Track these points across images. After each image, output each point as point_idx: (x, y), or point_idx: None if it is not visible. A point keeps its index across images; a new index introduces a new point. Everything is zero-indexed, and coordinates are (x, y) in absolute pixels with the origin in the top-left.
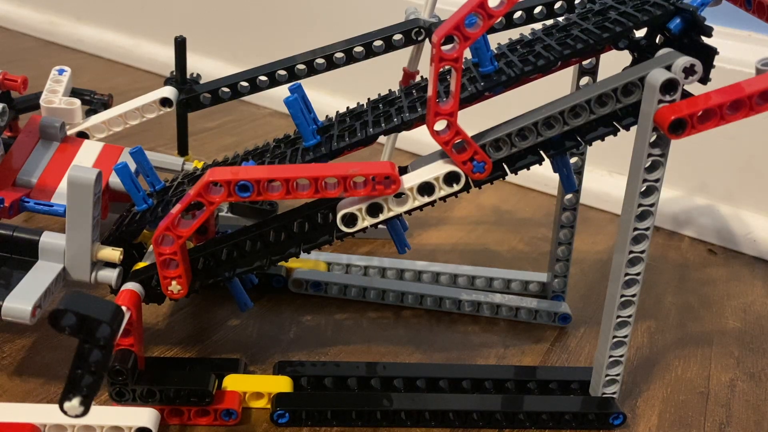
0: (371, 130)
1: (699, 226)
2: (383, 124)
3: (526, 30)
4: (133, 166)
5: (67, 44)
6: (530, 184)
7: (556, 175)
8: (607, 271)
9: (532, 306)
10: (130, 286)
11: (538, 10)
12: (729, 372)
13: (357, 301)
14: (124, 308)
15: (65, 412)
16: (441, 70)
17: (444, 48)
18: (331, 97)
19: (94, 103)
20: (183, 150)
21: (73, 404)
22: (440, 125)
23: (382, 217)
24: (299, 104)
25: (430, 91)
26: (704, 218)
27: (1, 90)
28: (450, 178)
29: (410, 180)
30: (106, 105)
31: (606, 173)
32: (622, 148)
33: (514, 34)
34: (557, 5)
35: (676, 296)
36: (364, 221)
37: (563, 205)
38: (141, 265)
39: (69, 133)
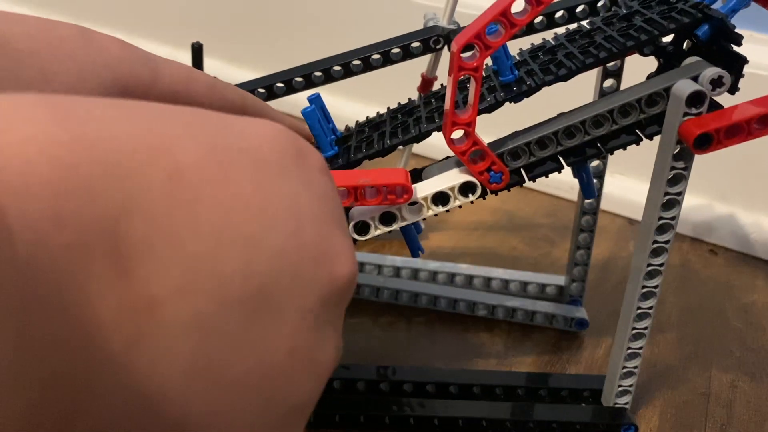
0: (388, 141)
1: (700, 226)
2: (400, 135)
3: (546, 34)
4: None
5: None
6: (530, 184)
7: (557, 175)
8: (610, 274)
9: (548, 310)
10: None
11: (559, 14)
12: (730, 373)
13: (370, 301)
14: None
15: None
16: (460, 79)
17: (463, 56)
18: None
19: None
20: None
21: None
22: (457, 134)
23: (395, 226)
24: (317, 115)
25: (447, 100)
26: (705, 218)
27: None
28: (466, 189)
29: (424, 189)
30: None
31: (607, 173)
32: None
33: (534, 38)
34: (579, 9)
35: (677, 296)
36: (377, 230)
37: (583, 208)
38: None
39: None
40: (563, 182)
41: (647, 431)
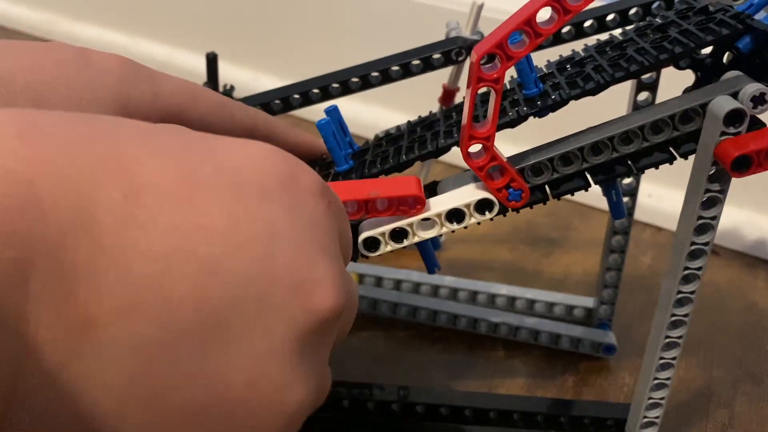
0: (404, 156)
1: None
2: (417, 151)
3: (576, 45)
4: None
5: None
6: None
7: None
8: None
9: (574, 334)
10: None
11: (588, 23)
12: (731, 373)
13: (386, 318)
14: None
15: None
16: (481, 91)
17: (484, 67)
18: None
19: None
20: None
21: None
22: (475, 149)
23: (406, 243)
24: (331, 128)
25: (465, 113)
26: None
27: None
28: (482, 206)
29: (438, 204)
30: None
31: None
32: None
33: (564, 50)
34: (609, 17)
35: None
36: (387, 246)
37: (614, 228)
38: None
39: None
40: None
41: None
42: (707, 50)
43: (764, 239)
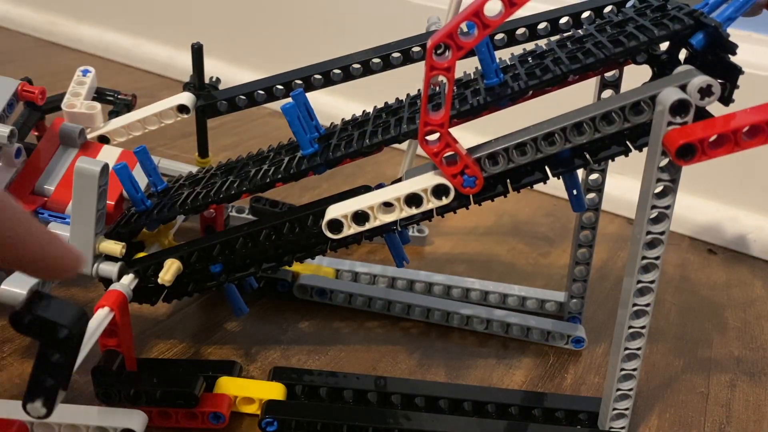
0: (367, 141)
1: (699, 225)
2: (380, 135)
3: (529, 47)
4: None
5: (67, 44)
6: None
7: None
8: (609, 272)
9: (545, 327)
10: (117, 287)
11: (542, 26)
12: (729, 372)
13: (362, 311)
14: (107, 309)
15: (28, 413)
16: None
17: (436, 57)
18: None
19: (118, 104)
20: (203, 153)
21: (36, 406)
22: (430, 135)
23: (368, 226)
24: (296, 112)
25: (422, 100)
26: (704, 218)
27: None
28: (438, 191)
29: (398, 189)
30: (129, 106)
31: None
32: None
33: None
34: (563, 21)
35: (676, 296)
36: (350, 228)
37: (581, 223)
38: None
39: (90, 136)
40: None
41: (646, 431)
42: (665, 47)
43: (762, 239)
